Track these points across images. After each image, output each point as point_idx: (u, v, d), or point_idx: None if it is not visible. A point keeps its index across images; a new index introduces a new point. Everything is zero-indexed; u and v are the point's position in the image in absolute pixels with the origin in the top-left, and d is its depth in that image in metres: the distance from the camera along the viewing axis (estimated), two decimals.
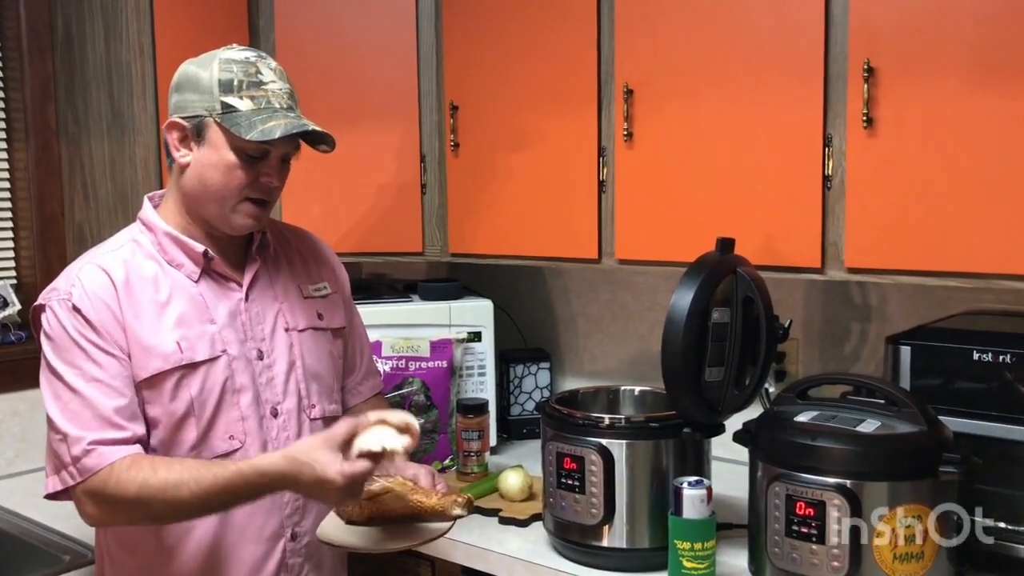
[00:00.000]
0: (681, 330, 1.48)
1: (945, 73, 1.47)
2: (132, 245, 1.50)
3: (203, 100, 1.43)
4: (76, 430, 1.36)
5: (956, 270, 1.50)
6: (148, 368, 1.42)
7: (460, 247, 2.15)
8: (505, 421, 2.35)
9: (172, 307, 1.46)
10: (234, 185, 1.45)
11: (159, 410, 1.43)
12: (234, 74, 1.44)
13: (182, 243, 1.49)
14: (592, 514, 1.60)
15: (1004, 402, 1.47)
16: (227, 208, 1.47)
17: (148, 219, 1.52)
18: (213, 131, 1.43)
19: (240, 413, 1.48)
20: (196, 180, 1.46)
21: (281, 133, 1.41)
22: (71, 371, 1.39)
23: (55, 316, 1.42)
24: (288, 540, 1.53)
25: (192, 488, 1.34)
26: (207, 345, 1.46)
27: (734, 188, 1.71)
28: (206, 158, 1.44)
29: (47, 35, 2.23)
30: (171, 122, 1.46)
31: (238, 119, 1.42)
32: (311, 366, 1.57)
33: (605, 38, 1.86)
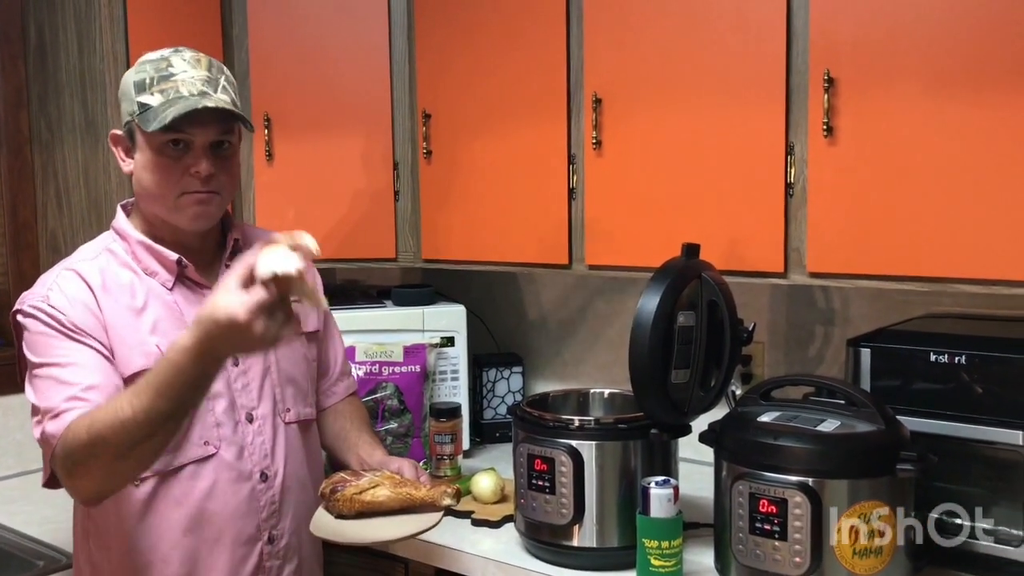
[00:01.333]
0: (648, 333, 1.51)
1: (902, 84, 1.52)
2: (106, 254, 1.51)
3: (128, 106, 1.45)
4: (45, 403, 1.38)
5: (914, 274, 1.54)
6: (132, 365, 1.42)
7: (433, 253, 2.18)
8: (478, 425, 2.38)
9: (148, 313, 1.47)
10: (169, 181, 1.44)
11: None
12: (146, 73, 1.44)
13: (155, 251, 1.50)
14: (562, 514, 1.63)
15: (960, 402, 1.51)
16: (169, 206, 1.46)
17: (121, 228, 1.53)
18: (138, 134, 1.45)
19: (215, 419, 1.49)
20: (138, 185, 1.49)
21: (173, 115, 1.39)
22: (48, 362, 1.40)
23: (32, 318, 1.43)
24: (265, 543, 1.54)
25: (132, 402, 1.25)
26: None
27: (699, 195, 1.75)
28: (139, 162, 1.46)
29: (20, 42, 2.23)
30: (111, 134, 1.51)
31: (148, 116, 1.41)
32: (285, 370, 1.59)
33: (574, 49, 1.90)
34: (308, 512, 1.57)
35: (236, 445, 1.51)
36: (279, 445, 1.56)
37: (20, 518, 1.99)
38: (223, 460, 1.49)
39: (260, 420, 1.54)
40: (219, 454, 1.49)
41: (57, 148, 2.18)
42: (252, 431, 1.53)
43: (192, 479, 1.47)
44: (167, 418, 1.27)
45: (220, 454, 1.49)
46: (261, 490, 1.53)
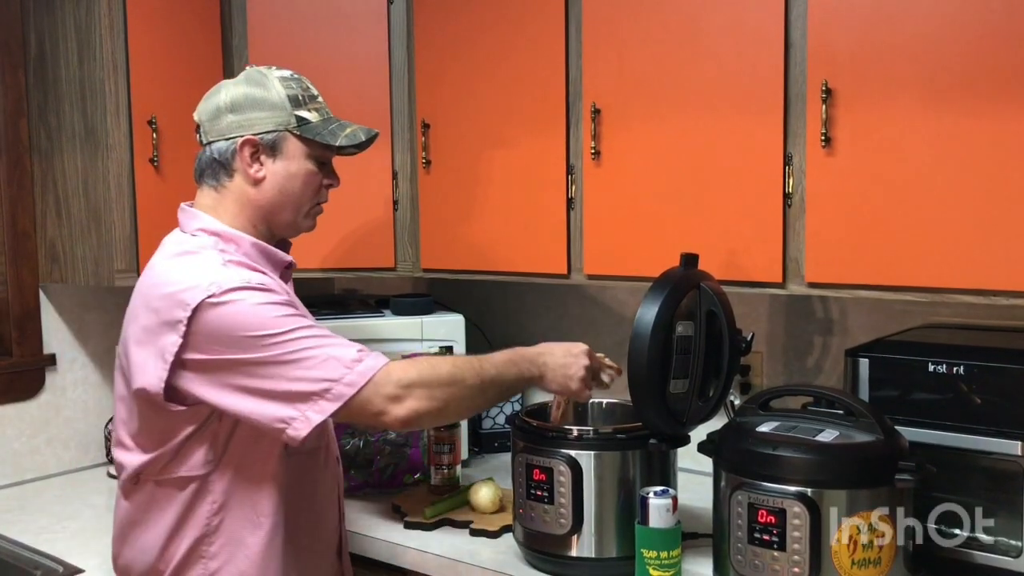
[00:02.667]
0: (646, 343, 1.52)
1: (900, 95, 1.52)
2: (221, 256, 1.48)
3: (275, 116, 1.51)
4: (346, 350, 1.41)
5: (913, 285, 1.54)
6: None
7: (432, 263, 2.18)
8: (477, 435, 2.37)
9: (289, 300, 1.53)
10: (311, 191, 1.56)
11: None
12: (295, 90, 1.54)
13: (270, 253, 1.56)
14: (561, 524, 1.63)
15: (958, 412, 1.51)
16: (301, 214, 1.58)
17: (225, 231, 1.53)
18: (291, 143, 1.53)
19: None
20: (275, 191, 1.53)
21: (364, 137, 1.58)
22: (302, 326, 1.41)
23: (249, 290, 1.41)
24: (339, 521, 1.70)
25: (484, 364, 1.49)
26: None
27: (698, 205, 1.75)
28: (284, 170, 1.53)
29: (20, 52, 2.24)
30: (246, 139, 1.51)
31: (316, 129, 1.53)
32: None
33: (573, 59, 1.91)
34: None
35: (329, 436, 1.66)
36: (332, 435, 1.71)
37: (17, 528, 1.98)
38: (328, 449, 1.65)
39: None
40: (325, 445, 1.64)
41: (56, 157, 2.19)
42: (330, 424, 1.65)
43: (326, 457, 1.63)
44: (503, 390, 1.53)
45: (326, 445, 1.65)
46: (337, 473, 1.70)
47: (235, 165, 1.53)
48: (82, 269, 2.16)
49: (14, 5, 2.22)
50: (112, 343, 2.42)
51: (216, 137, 1.53)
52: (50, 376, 2.36)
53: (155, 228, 2.10)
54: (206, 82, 2.18)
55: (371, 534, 1.87)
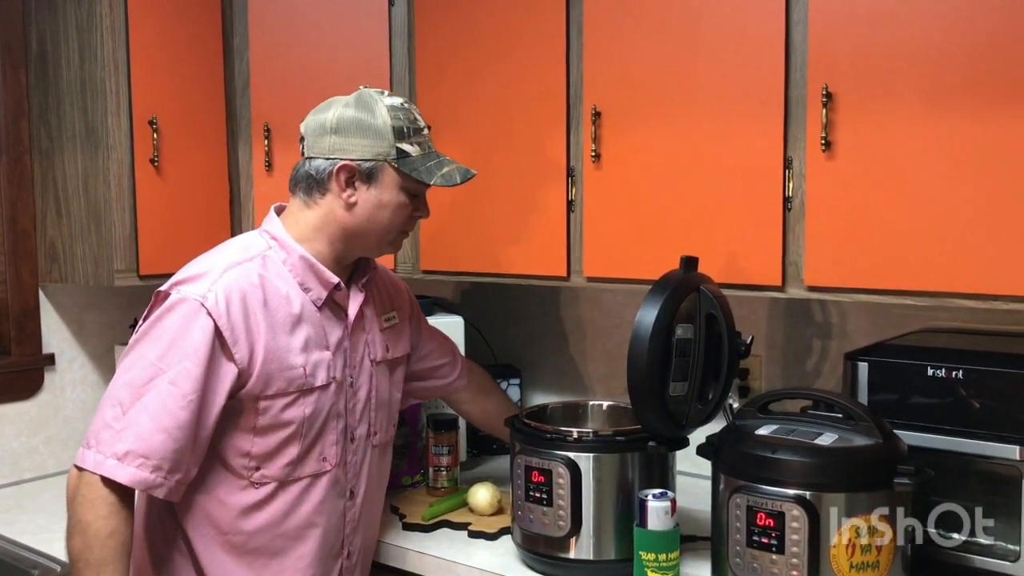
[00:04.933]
0: (646, 346, 1.52)
1: (901, 99, 1.52)
2: (263, 259, 1.53)
3: (377, 145, 1.52)
4: (132, 441, 1.38)
5: (912, 289, 1.54)
6: (271, 387, 1.48)
7: (431, 264, 2.18)
8: (475, 437, 2.37)
9: (302, 329, 1.52)
10: (399, 221, 1.57)
11: (267, 424, 1.48)
12: (402, 121, 1.54)
13: (317, 270, 1.55)
14: (559, 526, 1.63)
15: (957, 416, 1.51)
16: (386, 241, 1.59)
17: (284, 240, 1.55)
18: (388, 174, 1.53)
19: (335, 437, 1.57)
20: (364, 218, 1.54)
21: (460, 179, 1.57)
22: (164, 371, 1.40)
23: (178, 312, 1.43)
24: (345, 558, 1.64)
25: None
26: (324, 371, 1.53)
27: (698, 208, 1.75)
28: (376, 198, 1.54)
29: (21, 51, 2.24)
30: (345, 164, 1.52)
31: (414, 164, 1.54)
32: (381, 395, 1.67)
33: (574, 61, 1.91)
34: (373, 530, 1.72)
35: (343, 463, 1.59)
36: (365, 465, 1.65)
37: (15, 527, 1.98)
38: (333, 477, 1.57)
39: (358, 441, 1.62)
40: (331, 471, 1.57)
41: (57, 157, 2.19)
42: (351, 450, 1.61)
43: (304, 492, 1.54)
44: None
45: (332, 471, 1.57)
46: (349, 506, 1.62)
47: (329, 186, 1.54)
48: (82, 269, 2.16)
49: (15, 5, 2.22)
50: (111, 343, 2.42)
51: (316, 154, 1.54)
52: (49, 376, 2.36)
53: (155, 228, 2.11)
54: (207, 82, 2.21)
55: None
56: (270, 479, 1.51)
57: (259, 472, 1.50)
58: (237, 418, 1.48)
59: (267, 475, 1.51)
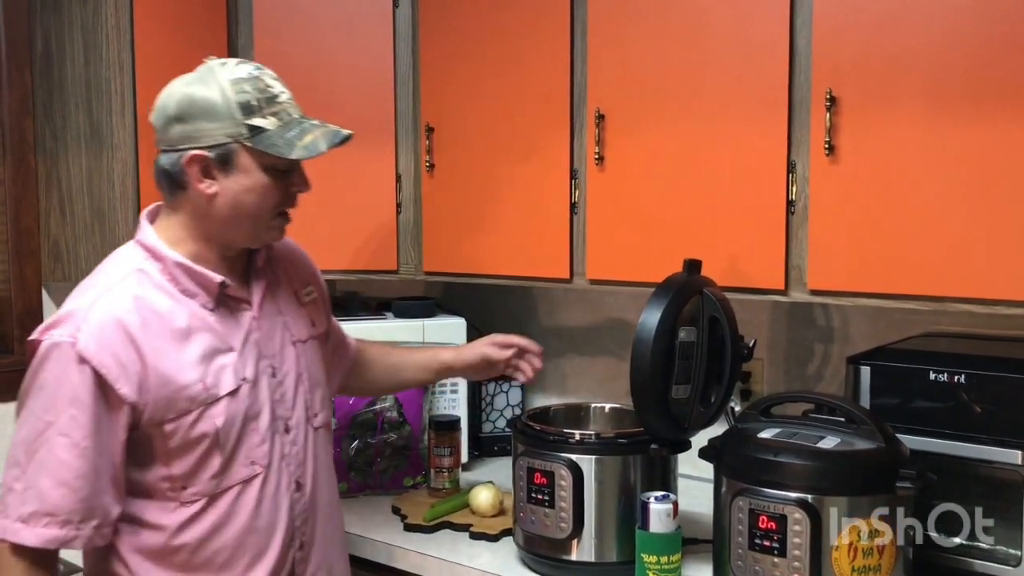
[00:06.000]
0: (649, 348, 1.52)
1: (904, 103, 1.53)
2: (137, 275, 1.42)
3: (224, 127, 1.38)
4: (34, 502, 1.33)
5: (915, 293, 1.55)
6: (174, 409, 1.38)
7: (434, 266, 2.18)
8: (477, 438, 2.38)
9: (192, 342, 1.41)
10: (270, 204, 1.44)
11: (179, 444, 1.40)
12: (249, 94, 1.40)
13: (197, 274, 1.43)
14: (561, 528, 1.63)
15: (959, 420, 1.52)
16: (262, 227, 1.46)
17: (153, 246, 1.44)
18: (242, 157, 1.40)
19: (260, 437, 1.46)
20: (229, 208, 1.42)
21: (326, 146, 1.42)
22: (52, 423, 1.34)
23: (52, 360, 1.35)
24: (297, 550, 1.52)
25: None
26: (230, 376, 1.43)
27: (701, 211, 1.76)
28: (238, 184, 1.41)
29: (26, 50, 2.24)
30: (192, 155, 1.38)
31: (271, 139, 1.39)
32: (314, 375, 1.58)
33: (578, 64, 1.91)
34: (329, 512, 1.58)
35: (277, 459, 1.49)
36: (309, 452, 1.54)
37: None
38: (267, 476, 1.47)
39: (295, 429, 1.52)
40: (263, 472, 1.47)
41: (61, 156, 2.19)
42: (288, 441, 1.51)
43: (238, 499, 1.45)
44: None
45: (264, 472, 1.47)
46: (296, 499, 1.52)
47: (185, 180, 1.41)
48: (85, 268, 2.15)
49: (21, 4, 2.23)
50: None
51: (166, 147, 1.42)
52: None
53: None
54: None
55: (371, 536, 1.87)
56: (199, 495, 1.42)
57: (186, 491, 1.41)
58: (148, 446, 1.40)
59: (195, 492, 1.42)
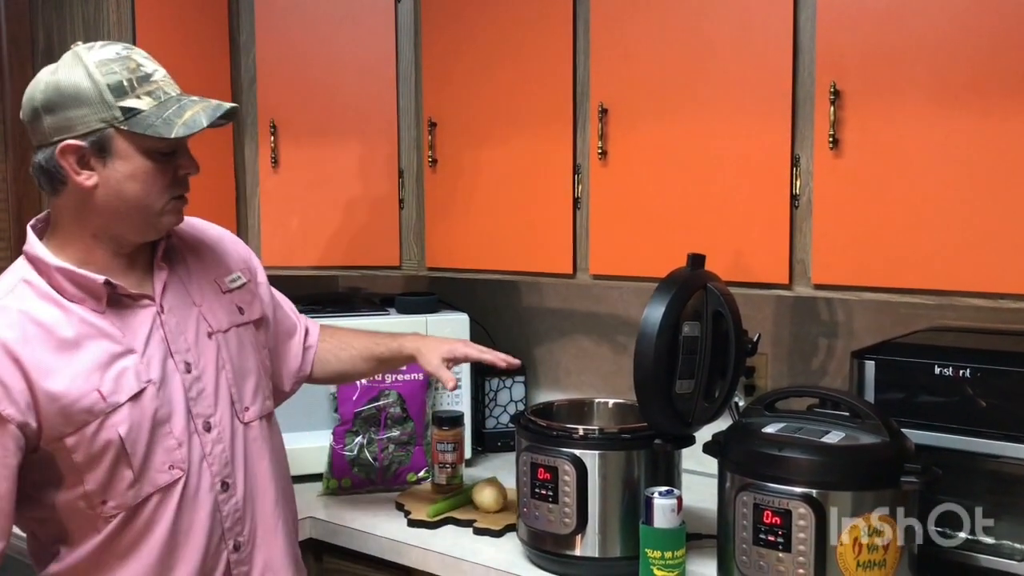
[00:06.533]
0: (652, 343, 1.51)
1: (908, 97, 1.52)
2: (23, 287, 1.34)
3: (96, 112, 1.30)
4: None
5: (919, 287, 1.54)
6: (72, 422, 1.31)
7: (437, 261, 2.18)
8: (480, 434, 2.38)
9: (83, 350, 1.32)
10: (157, 189, 1.35)
11: (85, 457, 1.32)
12: (119, 75, 1.31)
13: (79, 276, 1.34)
14: (565, 523, 1.63)
15: (964, 415, 1.51)
16: (153, 214, 1.37)
17: (37, 256, 1.36)
18: (119, 142, 1.31)
19: (175, 440, 1.38)
20: (112, 197, 1.33)
21: (208, 121, 1.33)
22: None
23: None
24: (231, 551, 1.45)
25: None
26: (130, 380, 1.34)
27: (705, 206, 1.75)
28: (119, 172, 1.32)
29: (28, 47, 2.24)
30: (65, 145, 1.30)
31: (148, 120, 1.31)
32: (239, 367, 1.49)
33: (581, 59, 1.90)
34: (272, 510, 1.51)
35: (198, 459, 1.41)
36: (238, 449, 1.46)
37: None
38: (191, 480, 1.39)
39: (218, 427, 1.43)
40: (186, 475, 1.39)
41: None
42: (211, 440, 1.42)
43: (159, 506, 1.38)
44: None
45: (187, 475, 1.39)
46: (223, 500, 1.43)
47: (63, 174, 1.32)
48: None
49: (22, 0, 2.22)
50: None
51: (39, 142, 1.34)
52: None
53: None
54: (213, 79, 2.20)
55: (374, 532, 1.87)
56: (119, 508, 1.35)
57: (106, 505, 1.35)
58: (55, 465, 1.33)
59: (114, 505, 1.35)
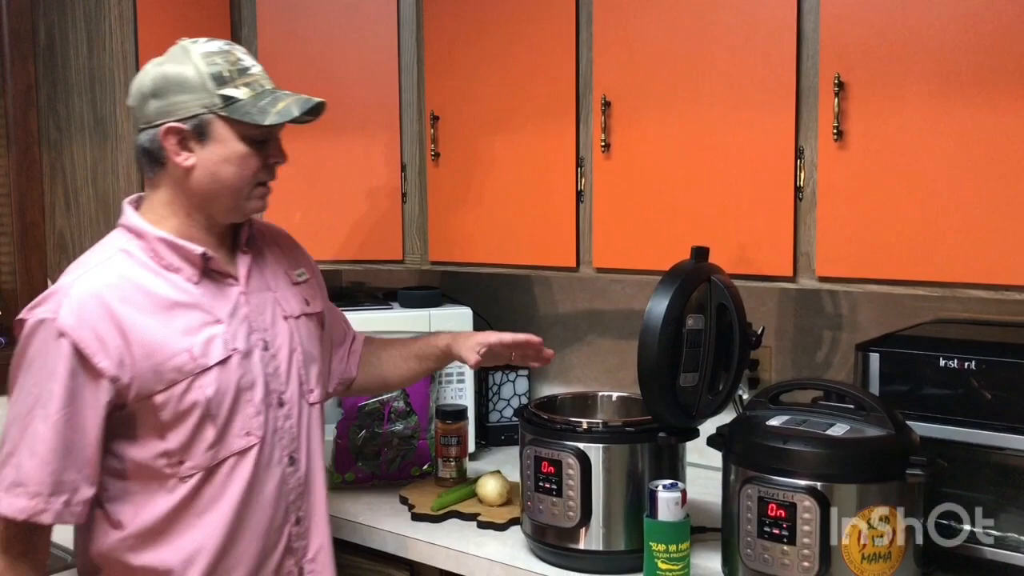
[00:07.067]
0: (656, 336, 1.51)
1: (913, 88, 1.51)
2: (122, 255, 1.45)
3: (198, 98, 1.43)
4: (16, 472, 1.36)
5: (923, 279, 1.54)
6: (163, 380, 1.40)
7: (440, 255, 2.18)
8: (483, 428, 2.37)
9: (176, 314, 1.44)
10: (249, 174, 1.47)
11: (171, 416, 1.42)
12: (220, 66, 1.44)
13: (178, 247, 1.47)
14: (569, 517, 1.62)
15: (969, 407, 1.51)
16: (242, 197, 1.49)
17: (136, 226, 1.48)
18: (217, 127, 1.44)
19: (254, 408, 1.49)
20: (207, 178, 1.45)
21: (299, 111, 1.46)
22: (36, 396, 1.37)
23: (37, 337, 1.38)
24: (293, 525, 1.55)
25: None
26: (219, 347, 1.45)
27: (708, 198, 1.74)
28: (215, 154, 1.45)
29: (30, 41, 2.24)
30: (169, 127, 1.43)
31: (245, 108, 1.43)
32: (308, 351, 1.60)
33: (583, 51, 1.90)
34: (324, 492, 1.61)
35: (271, 431, 1.51)
36: (303, 427, 1.57)
37: None
38: (264, 448, 1.50)
39: (289, 404, 1.55)
40: (259, 444, 1.49)
41: (66, 147, 2.19)
42: (282, 415, 1.53)
43: (233, 471, 1.47)
44: None
45: (260, 444, 1.49)
46: (290, 473, 1.54)
47: (164, 155, 1.45)
48: None
49: None
50: None
51: (144, 125, 1.46)
52: None
53: None
54: None
55: (378, 526, 1.87)
56: (196, 468, 1.44)
57: (184, 465, 1.44)
58: (140, 421, 1.42)
59: (192, 466, 1.44)
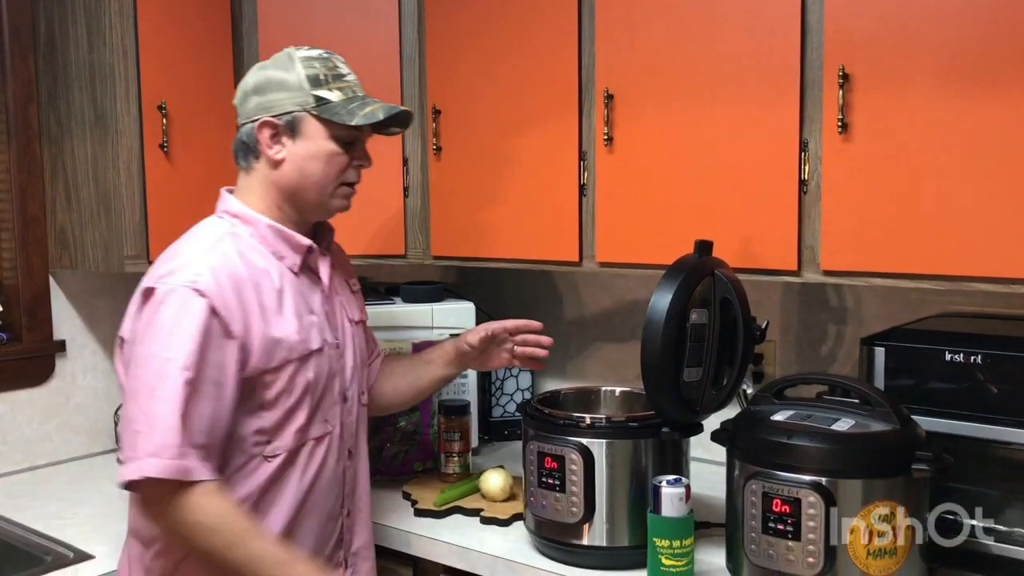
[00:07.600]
0: (660, 331, 1.50)
1: (918, 80, 1.50)
2: (231, 238, 1.51)
3: (294, 97, 1.52)
4: (166, 435, 1.35)
5: (929, 272, 1.53)
6: (275, 358, 1.47)
7: (442, 250, 2.17)
8: (487, 423, 2.37)
9: (287, 298, 1.52)
10: (334, 171, 1.55)
11: (275, 394, 1.48)
12: (318, 69, 1.53)
13: (287, 236, 1.55)
14: (572, 512, 1.62)
15: (975, 401, 1.50)
16: (326, 194, 1.56)
17: (245, 213, 1.55)
18: (310, 124, 1.52)
19: (334, 398, 1.59)
20: (296, 172, 1.53)
21: (384, 114, 1.54)
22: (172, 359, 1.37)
23: (169, 303, 1.40)
24: (345, 517, 1.63)
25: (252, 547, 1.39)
26: (317, 335, 1.54)
27: (712, 192, 1.73)
28: (304, 150, 1.53)
29: (30, 36, 2.23)
30: (264, 121, 1.52)
31: (335, 109, 1.52)
32: (362, 356, 1.70)
33: (586, 44, 1.89)
34: (367, 489, 1.70)
35: (340, 423, 1.60)
36: (359, 425, 1.67)
37: (28, 513, 1.98)
38: (333, 438, 1.58)
39: (351, 401, 1.64)
40: (332, 432, 1.58)
41: (66, 142, 2.18)
42: (345, 411, 1.62)
43: (310, 456, 1.54)
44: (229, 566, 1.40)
45: (333, 432, 1.58)
46: (348, 466, 1.63)
47: (258, 147, 1.54)
48: (92, 255, 2.15)
49: None
50: None
51: (244, 119, 1.56)
52: (60, 362, 2.35)
53: (165, 214, 2.10)
54: (215, 67, 2.19)
55: (381, 521, 1.86)
56: (281, 449, 1.50)
57: (271, 444, 1.49)
58: (247, 397, 1.47)
59: (279, 446, 1.50)
